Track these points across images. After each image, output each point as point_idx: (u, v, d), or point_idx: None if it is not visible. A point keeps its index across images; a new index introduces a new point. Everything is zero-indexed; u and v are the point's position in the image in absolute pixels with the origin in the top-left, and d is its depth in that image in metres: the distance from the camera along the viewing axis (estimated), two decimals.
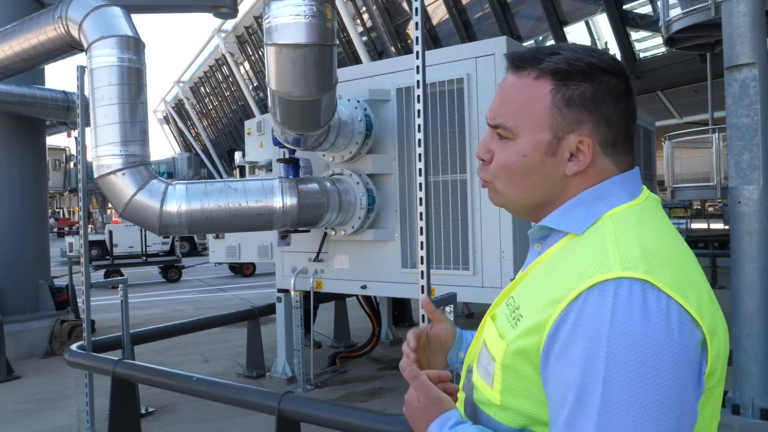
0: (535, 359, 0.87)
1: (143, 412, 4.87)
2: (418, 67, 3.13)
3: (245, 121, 7.02)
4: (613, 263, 0.83)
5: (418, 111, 3.14)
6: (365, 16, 20.80)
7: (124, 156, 4.23)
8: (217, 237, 6.78)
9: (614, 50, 14.63)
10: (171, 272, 14.78)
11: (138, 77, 4.36)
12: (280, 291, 5.72)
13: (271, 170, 6.11)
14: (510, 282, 1.07)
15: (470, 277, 4.47)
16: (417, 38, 3.13)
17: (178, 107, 41.77)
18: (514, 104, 0.95)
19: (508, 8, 15.74)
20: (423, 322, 3.12)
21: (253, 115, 25.54)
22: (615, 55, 15.12)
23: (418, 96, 3.14)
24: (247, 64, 30.29)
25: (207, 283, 14.36)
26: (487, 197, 1.06)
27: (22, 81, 7.05)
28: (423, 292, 3.13)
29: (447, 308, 3.55)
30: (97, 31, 4.47)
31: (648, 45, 14.30)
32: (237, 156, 7.06)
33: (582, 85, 0.92)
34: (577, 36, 15.38)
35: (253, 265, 14.97)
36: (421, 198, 3.14)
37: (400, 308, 8.01)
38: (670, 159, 12.73)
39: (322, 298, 6.28)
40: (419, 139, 3.15)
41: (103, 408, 4.48)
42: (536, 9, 14.92)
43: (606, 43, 15.13)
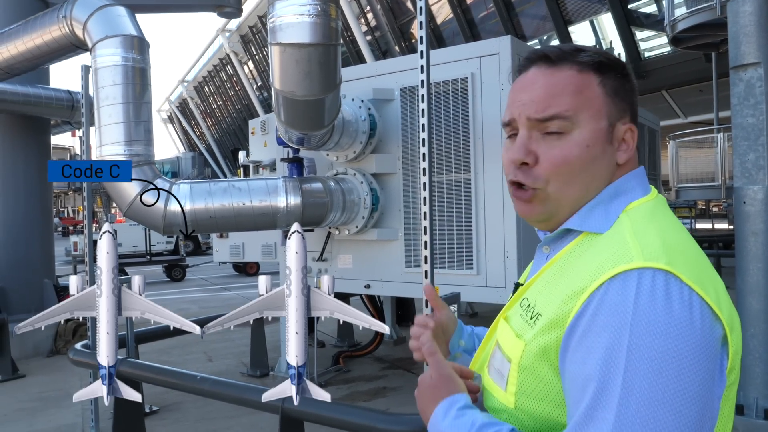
0: (554, 358, 0.86)
1: (147, 410, 4.88)
2: (422, 67, 3.13)
3: (249, 121, 7.03)
4: (634, 254, 0.82)
5: (423, 110, 3.14)
6: (369, 16, 20.80)
7: (129, 155, 4.23)
8: (221, 236, 6.79)
9: (619, 49, 14.59)
10: (175, 271, 14.82)
11: (142, 77, 4.37)
12: None
13: (275, 170, 6.12)
14: (515, 287, 1.05)
15: (474, 276, 4.47)
16: (421, 37, 3.12)
17: (183, 107, 41.85)
18: (567, 94, 0.92)
19: (512, 7, 15.71)
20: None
21: (257, 115, 25.59)
22: (620, 54, 15.09)
23: (423, 95, 3.13)
24: (251, 64, 30.33)
25: (211, 282, 14.39)
26: (490, 197, 1.05)
27: (26, 80, 7.07)
28: None
29: (451, 308, 3.55)
30: (102, 31, 4.48)
31: (653, 44, 14.25)
32: (241, 155, 7.08)
33: (620, 78, 0.95)
34: (582, 35, 15.34)
35: (257, 264, 14.99)
36: (425, 197, 3.14)
37: (403, 308, 8.00)
38: (675, 159, 12.69)
39: None
40: (423, 139, 3.14)
41: (107, 407, 4.49)
42: (541, 8, 14.89)
43: (611, 43, 15.09)
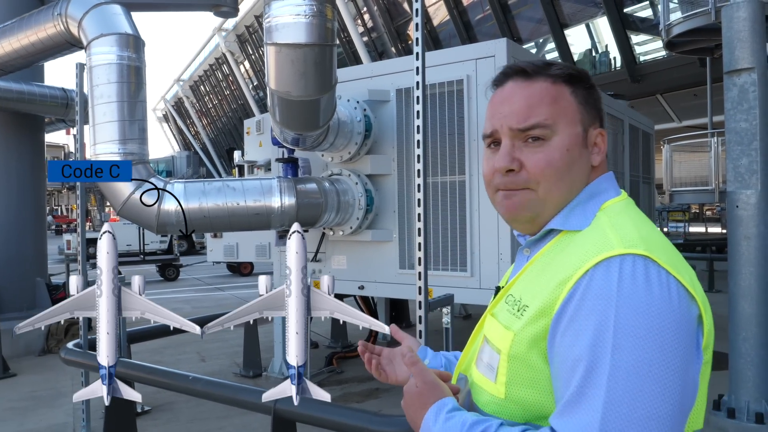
0: (543, 345, 0.90)
1: (139, 410, 4.86)
2: (418, 68, 3.13)
3: (245, 121, 7.02)
4: (615, 243, 0.89)
5: (418, 112, 3.14)
6: (366, 17, 20.81)
7: (123, 154, 4.21)
8: (215, 236, 6.78)
9: (615, 53, 14.65)
10: (169, 271, 14.76)
11: (137, 75, 4.36)
12: None
13: (269, 170, 6.10)
14: (496, 290, 1.12)
15: (468, 278, 4.47)
16: (417, 39, 3.12)
17: (178, 106, 41.74)
18: (545, 104, 1.00)
19: (508, 10, 15.75)
20: (420, 323, 3.12)
21: (253, 115, 25.53)
22: (615, 57, 15.13)
23: (418, 97, 3.14)
24: (247, 63, 30.29)
25: (205, 282, 14.34)
26: (484, 199, 1.11)
27: (21, 78, 7.03)
28: (420, 293, 3.12)
29: (444, 309, 3.55)
30: (97, 29, 4.47)
31: (648, 48, 14.32)
32: (236, 155, 7.06)
33: (588, 88, 1.04)
34: (578, 39, 15.40)
35: (251, 264, 14.96)
36: (419, 199, 3.14)
37: (397, 309, 8.00)
38: (669, 162, 12.75)
39: None
40: (418, 141, 3.15)
41: (98, 406, 4.46)
42: (537, 11, 14.94)
43: (606, 47, 15.15)
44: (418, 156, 3.14)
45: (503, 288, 1.06)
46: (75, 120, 4.49)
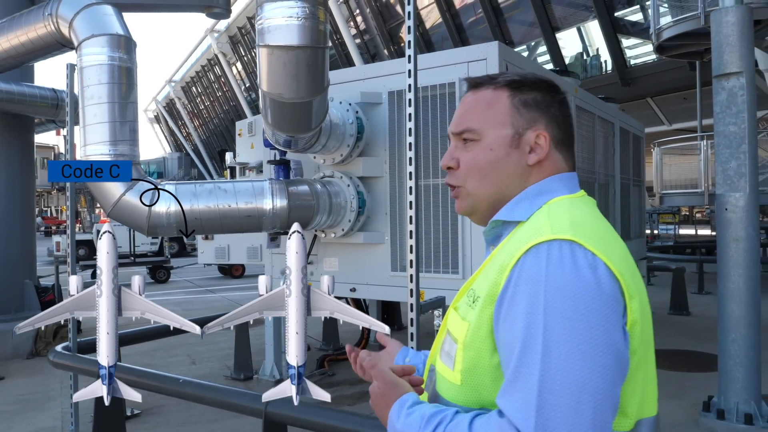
0: (491, 332, 0.96)
1: (128, 414, 4.82)
2: (410, 71, 3.14)
3: (236, 122, 7.00)
4: (545, 230, 0.96)
5: (410, 114, 3.14)
6: (359, 19, 20.82)
7: (114, 155, 4.18)
8: (206, 238, 6.75)
9: (606, 57, 14.75)
10: (159, 273, 14.67)
11: (128, 76, 4.33)
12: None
13: (261, 172, 6.09)
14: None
15: (459, 280, 4.47)
16: (410, 42, 3.13)
17: (170, 107, 41.55)
18: (477, 111, 1.10)
19: (500, 13, 15.82)
20: (411, 326, 3.12)
21: (245, 116, 25.47)
22: (606, 61, 15.24)
23: (410, 99, 3.14)
24: (239, 65, 30.22)
25: (196, 284, 14.27)
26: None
27: (10, 78, 6.97)
28: (412, 296, 3.13)
29: (435, 312, 3.56)
30: (88, 29, 4.44)
31: (639, 52, 14.43)
32: (228, 157, 7.03)
33: (533, 92, 1.09)
34: (569, 42, 15.48)
35: (243, 266, 14.90)
36: (411, 201, 3.14)
37: (389, 311, 8.00)
38: (659, 165, 12.85)
39: None
40: (410, 143, 3.15)
41: (87, 410, 4.43)
42: (529, 14, 15.01)
43: (597, 50, 15.25)
44: (410, 158, 3.15)
45: (469, 279, 1.13)
46: (65, 121, 4.46)
